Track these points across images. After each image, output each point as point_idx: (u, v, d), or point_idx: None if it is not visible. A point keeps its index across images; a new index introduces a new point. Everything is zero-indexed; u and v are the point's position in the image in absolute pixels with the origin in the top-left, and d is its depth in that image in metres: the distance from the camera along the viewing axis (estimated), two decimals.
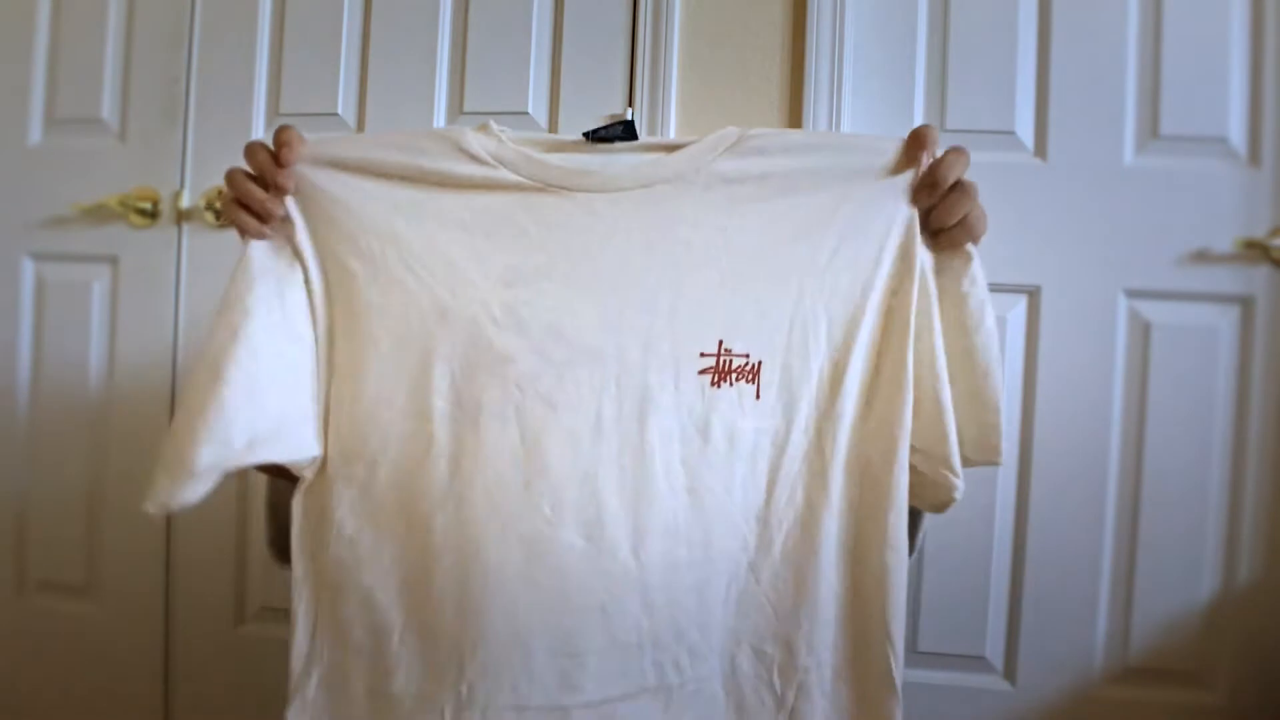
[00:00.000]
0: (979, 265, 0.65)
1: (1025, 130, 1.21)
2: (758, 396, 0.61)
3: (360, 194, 0.61)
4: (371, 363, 0.61)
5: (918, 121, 1.22)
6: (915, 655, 1.21)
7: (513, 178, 0.61)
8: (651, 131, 1.23)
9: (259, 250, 0.62)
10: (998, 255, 1.20)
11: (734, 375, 0.60)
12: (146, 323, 1.35)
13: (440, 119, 1.30)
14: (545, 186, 0.61)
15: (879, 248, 0.62)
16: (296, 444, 0.61)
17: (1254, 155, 1.17)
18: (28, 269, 1.40)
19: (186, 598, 1.35)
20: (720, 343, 0.60)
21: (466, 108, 1.29)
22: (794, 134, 0.73)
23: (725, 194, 0.61)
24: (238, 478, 1.34)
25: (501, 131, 0.64)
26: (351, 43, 1.32)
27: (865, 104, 1.22)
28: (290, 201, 0.62)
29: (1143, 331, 1.19)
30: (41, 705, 1.40)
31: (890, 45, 1.23)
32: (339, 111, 1.32)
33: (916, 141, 0.62)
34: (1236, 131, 1.18)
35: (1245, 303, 1.17)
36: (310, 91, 1.32)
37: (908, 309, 0.62)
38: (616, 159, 0.63)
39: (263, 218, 0.62)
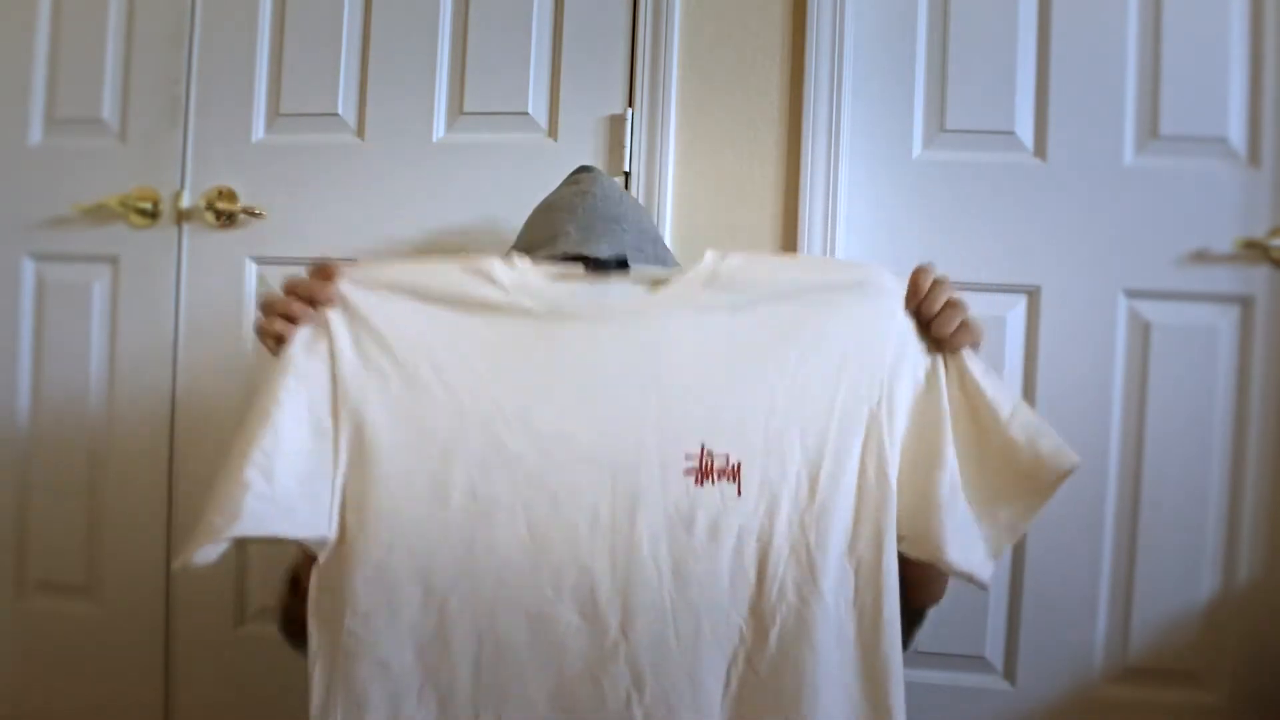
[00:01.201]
0: (978, 361, 0.73)
1: (1025, 130, 1.21)
2: (739, 494, 0.68)
3: (401, 310, 0.71)
4: (398, 455, 0.69)
5: (918, 122, 1.23)
6: (915, 655, 1.20)
7: (528, 303, 0.71)
8: (651, 131, 1.23)
9: (298, 347, 0.70)
10: (998, 255, 1.21)
11: (715, 474, 0.68)
12: (146, 323, 1.35)
13: (440, 119, 1.30)
14: (555, 311, 0.71)
15: (841, 356, 0.70)
16: (306, 523, 0.69)
17: (1254, 155, 1.17)
18: (28, 269, 1.40)
19: (186, 598, 1.35)
20: (703, 445, 0.69)
21: (466, 108, 1.29)
22: (770, 258, 0.84)
23: (707, 316, 0.71)
24: None
25: (521, 262, 0.73)
26: (351, 43, 1.32)
27: (865, 104, 1.22)
28: (335, 311, 0.71)
29: (1142, 331, 1.19)
30: (42, 706, 1.40)
31: (890, 45, 1.23)
32: (339, 111, 1.32)
33: (913, 290, 0.73)
34: (1236, 131, 1.18)
35: (1245, 303, 1.17)
36: (310, 91, 1.32)
37: (889, 412, 0.69)
38: (612, 288, 0.72)
39: (293, 320, 0.71)
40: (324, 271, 0.72)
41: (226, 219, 1.33)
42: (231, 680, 1.34)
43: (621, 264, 0.73)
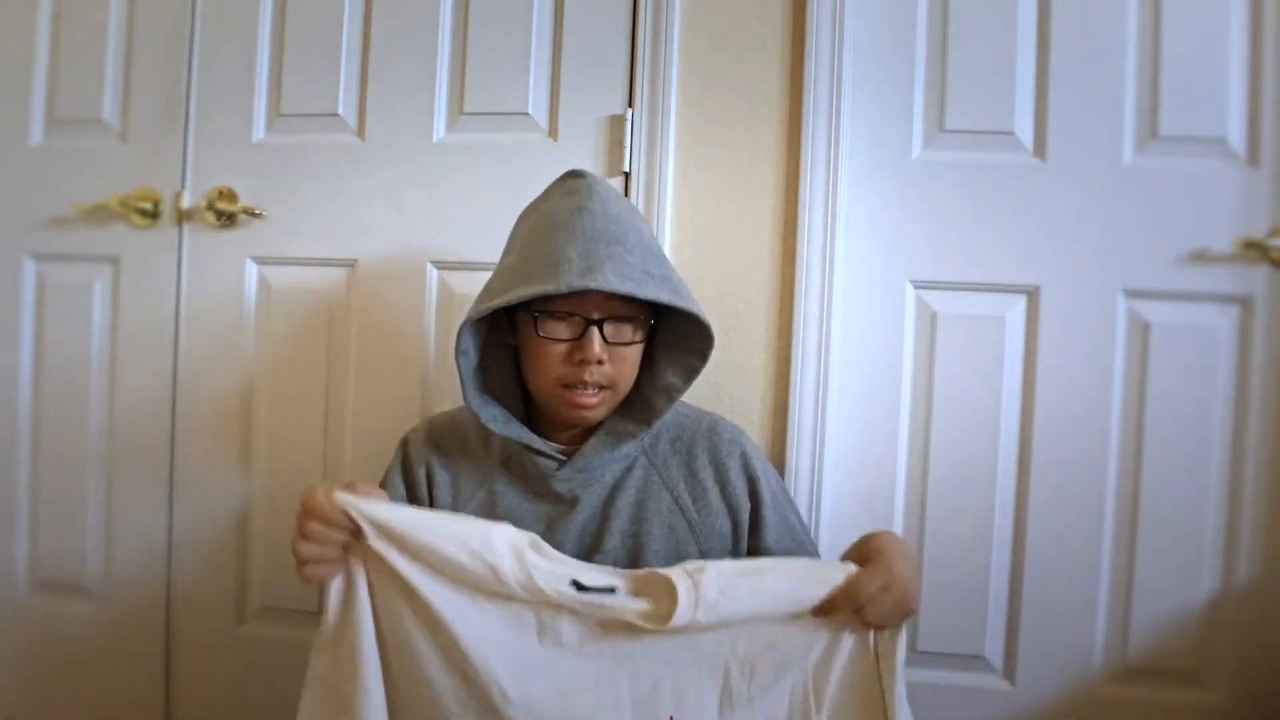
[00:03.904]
0: (902, 644, 0.85)
1: (1025, 130, 1.21)
2: None
3: (419, 572, 0.82)
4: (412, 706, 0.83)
5: (917, 122, 1.23)
6: (915, 655, 1.21)
7: (528, 598, 0.83)
8: (651, 131, 1.23)
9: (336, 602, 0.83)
10: (998, 255, 1.21)
11: None
12: (146, 323, 1.36)
13: (440, 119, 1.30)
14: (551, 609, 0.83)
15: (781, 658, 0.85)
16: None
17: (1253, 156, 1.17)
18: (28, 269, 1.40)
19: (186, 598, 1.35)
20: (671, 717, 0.84)
21: (466, 108, 1.29)
22: (735, 587, 0.91)
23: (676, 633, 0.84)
24: (240, 476, 1.34)
25: (532, 556, 0.83)
26: (351, 43, 1.32)
27: (865, 104, 1.22)
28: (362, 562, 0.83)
29: (1142, 331, 1.19)
30: (42, 705, 1.40)
31: (890, 45, 1.23)
32: (339, 111, 1.32)
33: (850, 597, 0.83)
34: (1235, 132, 1.18)
35: (1244, 303, 1.18)
36: (310, 91, 1.33)
37: (817, 690, 0.85)
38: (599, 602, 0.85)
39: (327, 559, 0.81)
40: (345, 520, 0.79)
41: (227, 219, 1.33)
42: (231, 680, 1.34)
43: (610, 589, 0.84)
